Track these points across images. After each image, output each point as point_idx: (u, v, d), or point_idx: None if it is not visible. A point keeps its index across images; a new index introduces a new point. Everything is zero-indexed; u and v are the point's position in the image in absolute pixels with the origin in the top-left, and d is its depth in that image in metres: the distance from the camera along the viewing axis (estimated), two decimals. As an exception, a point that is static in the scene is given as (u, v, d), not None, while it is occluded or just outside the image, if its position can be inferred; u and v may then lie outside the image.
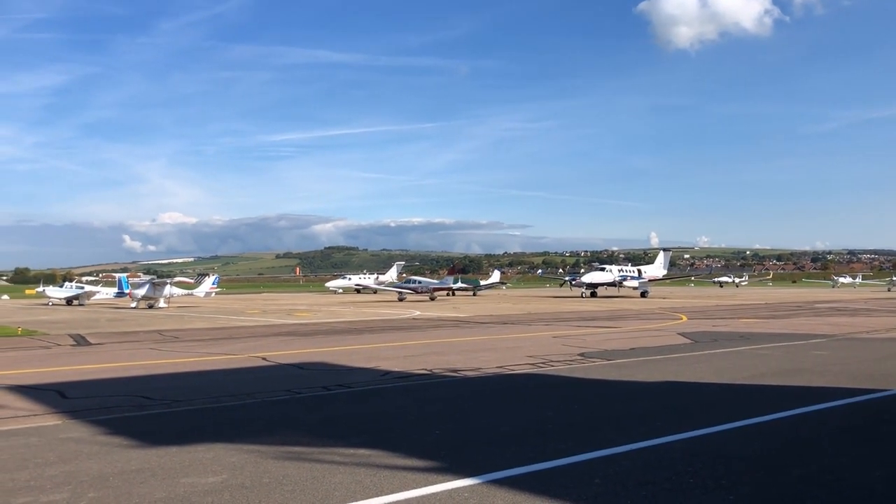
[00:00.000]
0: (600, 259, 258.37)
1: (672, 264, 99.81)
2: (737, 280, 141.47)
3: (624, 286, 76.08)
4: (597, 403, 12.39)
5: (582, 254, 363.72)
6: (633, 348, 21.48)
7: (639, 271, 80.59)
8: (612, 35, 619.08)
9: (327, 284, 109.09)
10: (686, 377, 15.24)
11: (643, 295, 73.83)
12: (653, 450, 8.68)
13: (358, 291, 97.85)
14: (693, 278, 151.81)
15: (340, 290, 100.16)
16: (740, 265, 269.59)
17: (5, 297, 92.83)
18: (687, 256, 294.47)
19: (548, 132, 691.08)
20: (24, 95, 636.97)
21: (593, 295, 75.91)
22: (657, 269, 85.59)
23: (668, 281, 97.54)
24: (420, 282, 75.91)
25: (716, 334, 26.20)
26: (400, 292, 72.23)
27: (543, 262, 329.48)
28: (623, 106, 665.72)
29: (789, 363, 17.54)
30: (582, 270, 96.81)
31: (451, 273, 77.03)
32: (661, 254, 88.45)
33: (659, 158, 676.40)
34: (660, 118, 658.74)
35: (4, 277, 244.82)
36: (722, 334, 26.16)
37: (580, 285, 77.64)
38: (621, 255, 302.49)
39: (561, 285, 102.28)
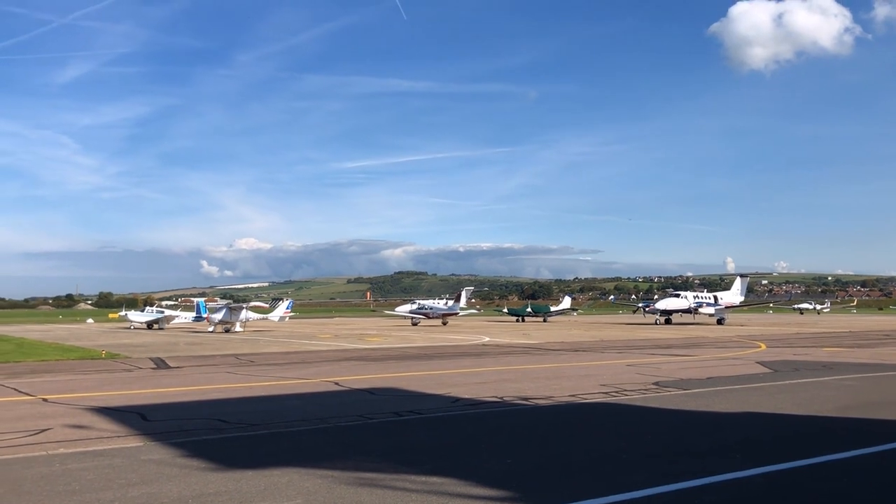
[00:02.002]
0: (675, 285, 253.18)
1: (749, 290, 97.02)
2: (818, 307, 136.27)
3: (699, 313, 74.27)
4: (672, 434, 12.10)
5: (655, 279, 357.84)
6: (709, 377, 20.92)
7: (715, 298, 78.56)
8: (684, 57, 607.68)
9: (396, 310, 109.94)
10: (766, 408, 14.75)
11: (720, 322, 71.96)
12: (732, 484, 8.43)
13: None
14: (772, 305, 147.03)
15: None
16: (821, 291, 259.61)
17: (90, 320, 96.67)
18: (765, 282, 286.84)
19: (619, 156, 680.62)
20: (109, 126, 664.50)
21: (668, 322, 74.35)
22: (734, 295, 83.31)
23: (745, 308, 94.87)
24: (431, 308, 78.56)
25: (797, 363, 25.30)
26: (413, 318, 75.44)
27: (615, 288, 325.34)
28: (696, 128, 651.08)
29: (877, 395, 16.80)
30: (656, 297, 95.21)
31: (456, 300, 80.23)
32: (738, 279, 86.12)
33: (734, 182, 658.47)
34: (734, 141, 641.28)
35: (89, 301, 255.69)
36: (803, 363, 25.24)
37: (654, 312, 76.14)
38: (696, 281, 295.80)
39: (634, 312, 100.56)
